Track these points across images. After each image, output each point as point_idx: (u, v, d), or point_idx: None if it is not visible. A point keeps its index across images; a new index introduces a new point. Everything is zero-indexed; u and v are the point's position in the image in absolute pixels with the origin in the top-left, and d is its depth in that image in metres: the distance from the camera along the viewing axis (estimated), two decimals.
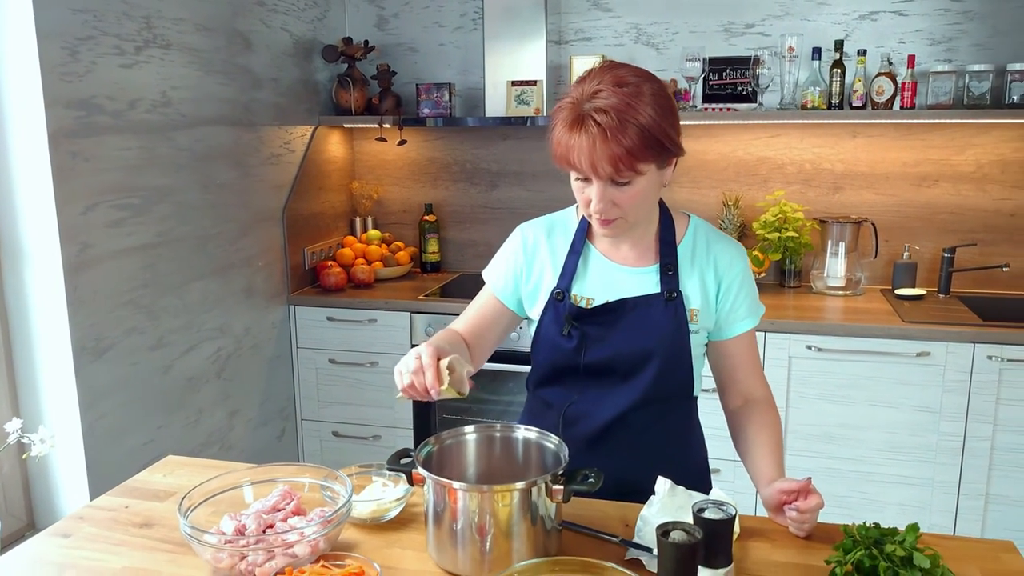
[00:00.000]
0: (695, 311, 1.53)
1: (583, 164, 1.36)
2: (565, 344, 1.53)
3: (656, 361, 1.51)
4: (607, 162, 1.34)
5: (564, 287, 1.54)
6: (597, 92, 1.35)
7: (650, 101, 1.35)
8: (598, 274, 1.55)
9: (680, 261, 1.54)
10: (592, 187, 1.40)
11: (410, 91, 3.66)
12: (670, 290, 1.51)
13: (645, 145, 1.34)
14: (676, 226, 1.57)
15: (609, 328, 1.52)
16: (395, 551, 1.36)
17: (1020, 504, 2.84)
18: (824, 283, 3.33)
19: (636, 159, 1.34)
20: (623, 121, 1.32)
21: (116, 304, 2.47)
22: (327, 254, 3.68)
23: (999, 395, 2.79)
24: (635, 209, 1.43)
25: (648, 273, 1.54)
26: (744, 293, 1.56)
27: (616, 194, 1.39)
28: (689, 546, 1.08)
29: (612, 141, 1.32)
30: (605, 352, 1.52)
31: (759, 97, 3.27)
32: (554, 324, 1.55)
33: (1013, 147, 3.23)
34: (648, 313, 1.51)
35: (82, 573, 1.32)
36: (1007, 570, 1.29)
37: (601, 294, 1.53)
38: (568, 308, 1.53)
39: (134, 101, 2.51)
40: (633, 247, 1.55)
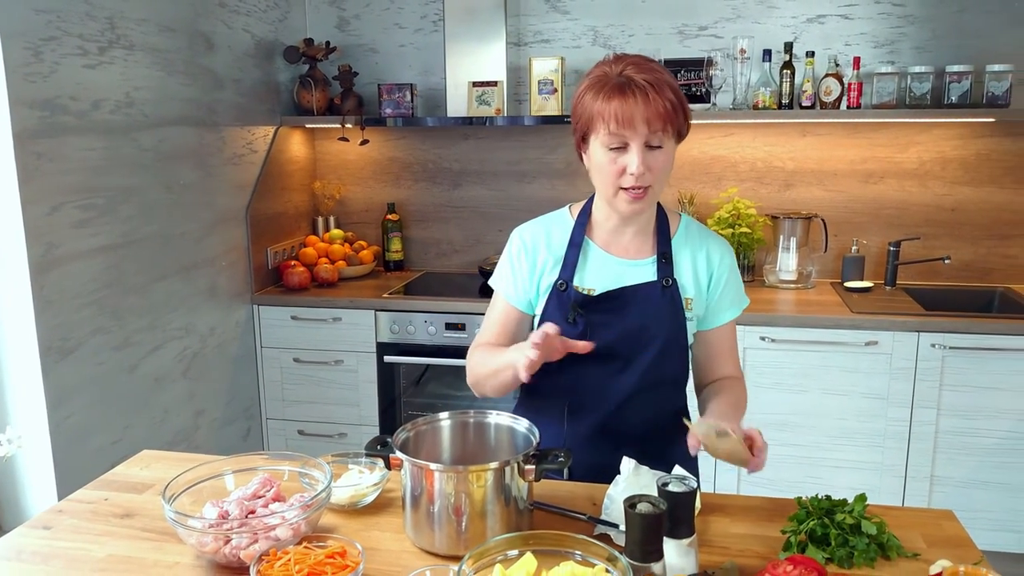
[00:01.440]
0: (690, 300, 1.62)
1: (634, 122, 1.44)
2: (570, 331, 1.57)
3: (657, 343, 1.59)
4: (657, 117, 1.44)
5: (567, 278, 1.61)
6: (626, 67, 1.48)
7: (671, 77, 1.50)
8: (597, 267, 1.63)
9: (675, 253, 1.63)
10: (629, 153, 1.47)
11: (372, 91, 3.71)
12: (666, 277, 1.60)
13: (677, 110, 1.47)
14: (670, 221, 1.67)
15: (611, 315, 1.59)
16: (374, 533, 1.42)
17: (963, 485, 2.98)
18: (776, 277, 3.45)
19: (676, 115, 1.47)
20: (660, 85, 1.46)
21: (82, 304, 2.48)
22: (290, 254, 3.70)
23: (942, 381, 2.92)
24: (662, 178, 1.52)
25: (645, 265, 1.62)
26: (731, 286, 1.66)
27: (651, 159, 1.48)
28: (654, 516, 1.16)
29: (659, 99, 1.44)
30: (610, 336, 1.59)
31: (713, 97, 3.37)
32: (558, 312, 1.61)
33: (952, 145, 3.38)
34: (648, 299, 1.59)
35: (67, 563, 1.35)
36: (946, 536, 1.39)
37: (601, 285, 1.61)
38: (573, 296, 1.60)
39: (98, 102, 2.52)
40: (633, 238, 1.63)
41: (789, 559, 1.19)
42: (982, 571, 1.18)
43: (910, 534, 1.38)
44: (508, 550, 1.19)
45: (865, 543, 1.29)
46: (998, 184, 3.38)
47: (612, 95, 1.46)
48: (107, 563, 1.35)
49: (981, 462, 2.97)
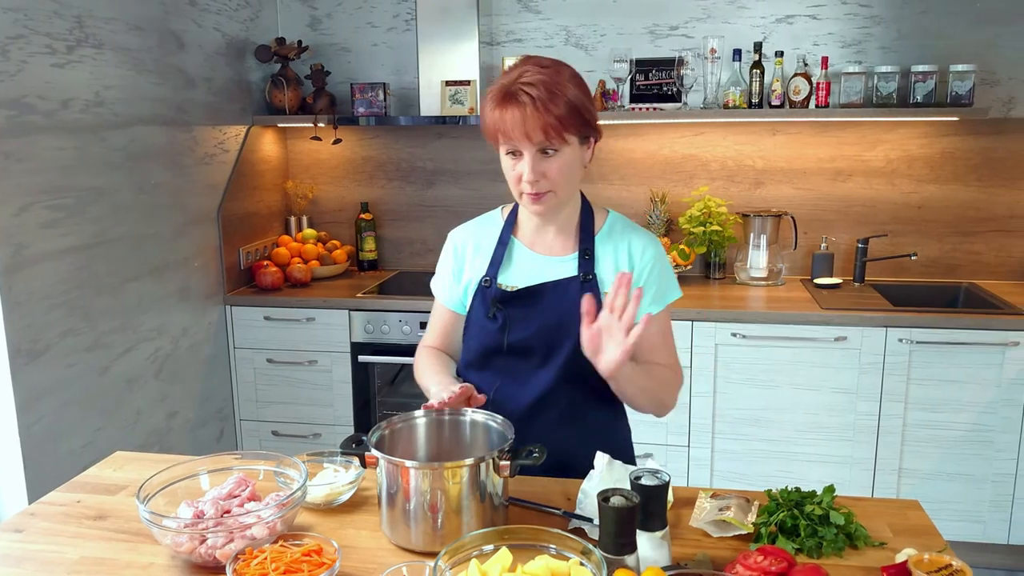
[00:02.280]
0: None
1: (517, 132, 1.48)
2: (491, 326, 1.65)
3: (572, 339, 1.59)
4: (539, 129, 1.46)
5: (492, 275, 1.67)
6: (524, 73, 1.49)
7: (571, 80, 1.51)
8: (522, 264, 1.68)
9: (597, 248, 1.66)
10: (523, 160, 1.51)
11: (344, 91, 3.70)
12: (585, 273, 1.63)
13: (571, 115, 1.48)
14: (596, 218, 1.69)
15: (530, 309, 1.63)
16: (349, 531, 1.42)
17: (929, 477, 3.04)
18: (747, 274, 3.49)
19: (564, 127, 1.48)
20: (551, 93, 1.46)
21: (52, 305, 2.46)
22: (262, 254, 3.68)
23: (910, 375, 2.98)
24: (562, 182, 1.54)
25: (568, 261, 1.65)
26: (653, 280, 1.66)
27: (545, 165, 1.51)
28: (628, 509, 1.17)
29: (543, 110, 1.45)
30: (526, 331, 1.63)
31: (684, 97, 3.40)
32: (481, 308, 1.67)
33: (918, 143, 3.44)
34: (565, 294, 1.62)
35: (39, 565, 1.34)
36: (912, 524, 1.42)
37: (524, 281, 1.65)
38: (494, 293, 1.65)
39: (67, 101, 2.49)
40: (556, 235, 1.67)
41: (759, 550, 1.22)
42: (945, 558, 1.21)
43: (877, 524, 1.41)
44: (483, 545, 1.20)
45: (833, 533, 1.32)
46: (963, 182, 3.44)
47: (503, 104, 1.48)
48: (81, 565, 1.34)
49: (947, 454, 3.02)
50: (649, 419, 3.20)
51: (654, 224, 3.54)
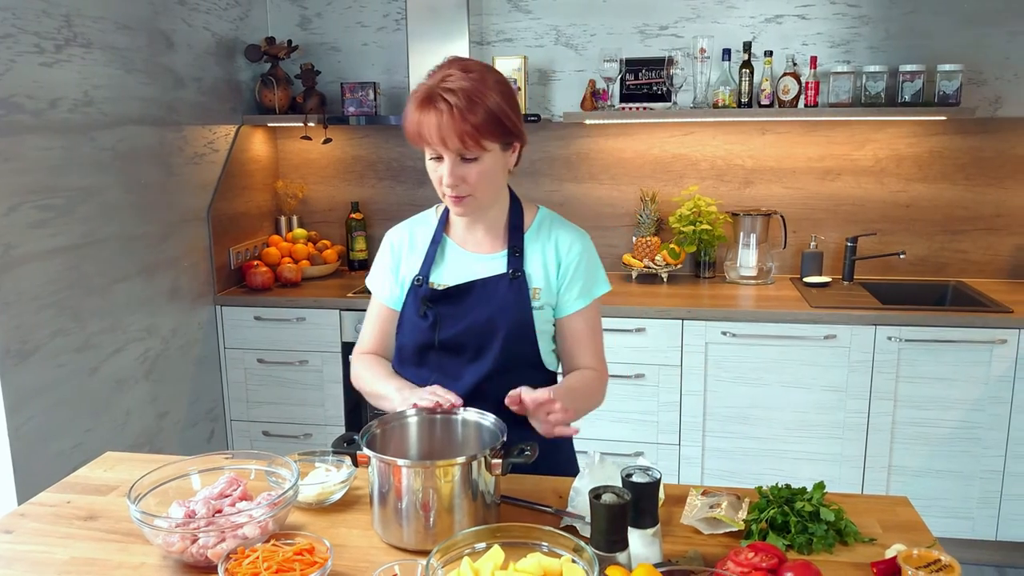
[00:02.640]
0: (537, 289, 1.67)
1: (433, 138, 1.49)
2: (422, 323, 1.67)
3: (502, 334, 1.63)
4: (456, 137, 1.47)
5: (424, 274, 1.69)
6: (447, 77, 1.50)
7: (494, 87, 1.52)
8: (453, 263, 1.70)
9: (526, 244, 1.69)
10: (444, 164, 1.53)
11: (334, 90, 3.69)
12: (514, 270, 1.66)
13: (490, 124, 1.49)
14: (525, 215, 1.72)
15: (459, 307, 1.66)
16: (341, 530, 1.42)
17: (919, 474, 3.06)
18: (737, 273, 3.50)
19: (481, 135, 1.49)
20: (471, 101, 1.47)
21: (41, 306, 2.44)
22: (253, 254, 3.67)
23: (899, 373, 2.99)
24: (484, 187, 1.56)
25: (498, 258, 1.68)
26: (579, 275, 1.68)
27: (465, 170, 1.53)
28: (619, 506, 1.18)
29: (460, 118, 1.46)
30: (457, 328, 1.65)
31: (673, 96, 3.41)
32: (413, 307, 1.69)
33: (907, 143, 3.46)
34: (495, 291, 1.65)
35: (29, 566, 1.34)
36: (901, 520, 1.43)
37: (454, 280, 1.68)
38: (425, 291, 1.67)
39: (55, 100, 2.48)
40: (486, 234, 1.69)
41: (750, 546, 1.22)
42: (934, 553, 1.22)
43: (867, 520, 1.42)
44: (476, 543, 1.20)
45: (824, 529, 1.33)
46: (950, 181, 3.47)
47: (423, 107, 1.49)
48: (71, 565, 1.34)
49: (935, 451, 3.04)
50: (639, 417, 3.22)
51: (644, 224, 3.55)
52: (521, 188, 3.72)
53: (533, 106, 3.65)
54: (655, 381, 3.14)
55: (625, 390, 3.16)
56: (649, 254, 3.50)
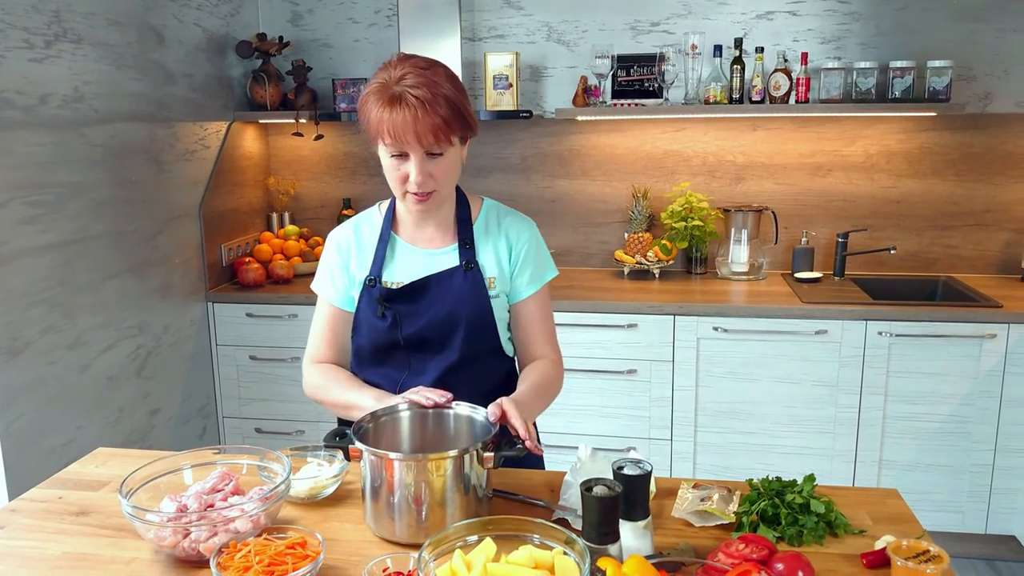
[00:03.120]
0: (492, 279, 1.68)
1: (407, 136, 1.48)
2: (381, 324, 1.66)
3: (463, 325, 1.65)
4: (429, 132, 1.48)
5: (376, 274, 1.67)
6: (405, 75, 1.49)
7: (447, 80, 1.53)
8: (404, 260, 1.69)
9: (476, 236, 1.70)
10: (410, 162, 1.52)
11: (326, 86, 3.69)
12: (467, 261, 1.67)
13: (454, 115, 1.50)
14: (472, 207, 1.73)
15: (418, 303, 1.66)
16: (333, 524, 1.42)
17: (909, 468, 3.07)
18: (729, 269, 3.51)
19: (450, 129, 1.50)
20: (435, 95, 1.48)
21: (32, 302, 2.44)
22: (244, 250, 3.67)
23: (889, 368, 3.01)
24: (447, 182, 1.59)
25: (448, 252, 1.69)
26: (530, 261, 1.71)
27: (432, 166, 1.54)
28: (610, 499, 1.18)
29: (431, 113, 1.47)
30: (418, 324, 1.65)
31: (665, 92, 3.42)
32: (369, 308, 1.68)
33: (897, 139, 3.48)
34: (451, 284, 1.66)
35: (21, 562, 1.34)
36: (891, 512, 1.44)
37: (408, 277, 1.67)
38: (380, 291, 1.66)
39: (45, 96, 2.47)
40: (436, 229, 1.69)
41: (741, 538, 1.23)
42: (923, 544, 1.23)
43: (857, 512, 1.43)
44: (468, 536, 1.21)
45: (814, 521, 1.33)
46: (940, 176, 3.48)
47: (388, 106, 1.48)
48: (63, 560, 1.34)
49: (925, 446, 3.06)
50: (631, 413, 3.22)
51: (636, 220, 3.55)
52: (513, 185, 3.75)
53: (525, 102, 3.65)
54: (647, 377, 3.15)
55: (617, 385, 3.16)
56: (641, 250, 3.51)
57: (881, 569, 1.25)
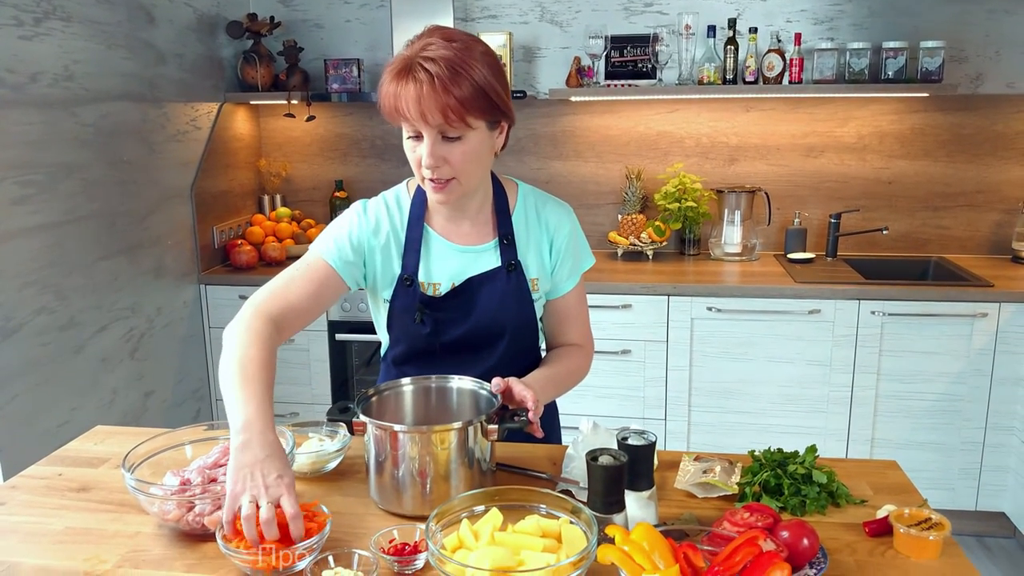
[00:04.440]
0: (535, 280, 1.58)
1: (412, 113, 1.34)
2: (420, 330, 1.55)
3: (508, 332, 1.57)
4: (437, 111, 1.33)
5: (411, 272, 1.54)
6: (427, 46, 1.36)
7: (481, 59, 1.37)
8: (440, 258, 1.55)
9: (516, 230, 1.57)
10: (423, 144, 1.39)
11: (317, 67, 3.66)
12: (509, 260, 1.55)
13: (476, 98, 1.35)
14: (508, 195, 1.60)
15: (460, 310, 1.55)
16: (337, 498, 1.42)
17: (901, 446, 3.10)
18: (722, 250, 3.52)
19: (466, 111, 1.34)
20: (455, 72, 1.33)
21: (23, 283, 2.42)
22: (236, 232, 3.64)
23: (882, 347, 3.03)
24: (468, 171, 1.42)
25: (488, 250, 1.56)
26: (570, 254, 1.61)
27: (447, 151, 1.39)
28: (616, 468, 1.19)
29: (442, 90, 1.32)
30: (459, 331, 1.56)
31: (659, 73, 3.41)
32: (406, 312, 1.55)
33: (889, 120, 3.49)
34: (493, 288, 1.54)
35: (23, 537, 1.33)
36: (891, 483, 1.45)
37: (446, 279, 1.55)
38: (418, 296, 1.54)
39: (35, 74, 2.44)
40: (472, 224, 1.56)
41: (745, 507, 1.24)
42: (924, 512, 1.24)
43: (857, 483, 1.44)
44: (474, 506, 1.21)
45: (816, 492, 1.34)
46: (932, 157, 3.49)
47: (399, 79, 1.34)
48: (66, 535, 1.33)
49: (917, 424, 3.09)
50: (626, 393, 3.23)
51: (630, 202, 3.55)
52: (505, 167, 3.74)
53: (518, 83, 3.63)
54: (641, 357, 3.16)
55: (611, 366, 3.17)
56: (635, 232, 3.51)
57: (883, 537, 1.26)
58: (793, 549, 1.14)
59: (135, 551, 1.28)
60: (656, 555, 1.03)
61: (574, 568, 1.04)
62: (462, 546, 1.14)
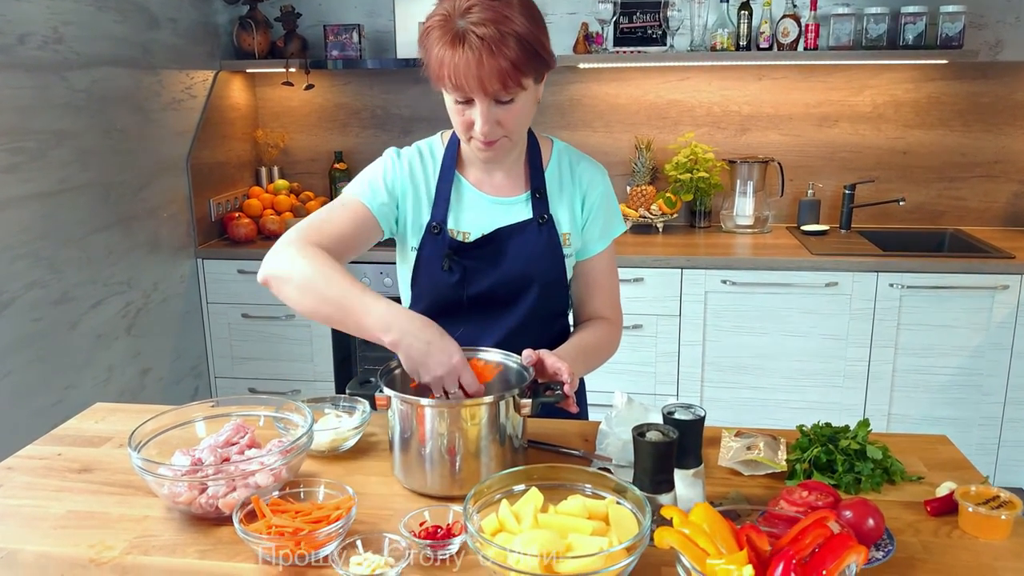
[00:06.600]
0: (567, 235, 1.54)
1: (470, 83, 1.29)
2: (447, 279, 1.50)
3: (536, 286, 1.51)
4: (496, 78, 1.29)
5: (440, 219, 1.50)
6: (470, 7, 1.29)
7: (521, 11, 1.32)
8: (472, 207, 1.52)
9: (548, 186, 1.54)
10: (475, 108, 1.34)
11: (316, 34, 3.53)
12: (541, 214, 1.51)
13: (526, 56, 1.30)
14: (542, 150, 1.56)
15: (489, 260, 1.50)
16: (358, 478, 1.33)
17: (918, 422, 3.03)
18: (733, 222, 3.43)
19: (521, 73, 1.30)
20: (502, 33, 1.28)
21: (14, 256, 2.31)
22: (233, 205, 3.53)
23: (900, 320, 2.95)
24: (518, 128, 1.40)
25: (520, 202, 1.53)
26: (601, 214, 1.56)
27: (500, 113, 1.35)
28: (666, 444, 1.10)
29: (498, 55, 1.27)
30: (486, 283, 1.51)
31: (669, 39, 3.30)
32: (434, 259, 1.51)
33: (905, 88, 3.39)
34: (524, 240, 1.50)
35: (23, 522, 1.24)
36: (944, 459, 1.38)
37: (476, 227, 1.51)
38: (447, 242, 1.50)
39: (23, 36, 2.32)
40: (506, 175, 1.53)
41: (802, 485, 1.16)
42: (992, 489, 1.16)
43: (910, 459, 1.36)
44: (513, 486, 1.12)
45: (870, 468, 1.26)
46: (948, 127, 3.41)
47: (450, 46, 1.28)
48: (67, 519, 1.24)
49: (935, 399, 3.02)
50: (637, 368, 3.15)
51: (639, 173, 3.45)
52: None
53: None
54: (653, 332, 3.08)
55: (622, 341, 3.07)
56: (644, 203, 3.41)
57: (946, 516, 1.19)
58: (857, 530, 1.06)
59: (143, 536, 1.18)
60: (717, 539, 0.95)
61: (628, 553, 0.96)
62: (503, 529, 1.05)
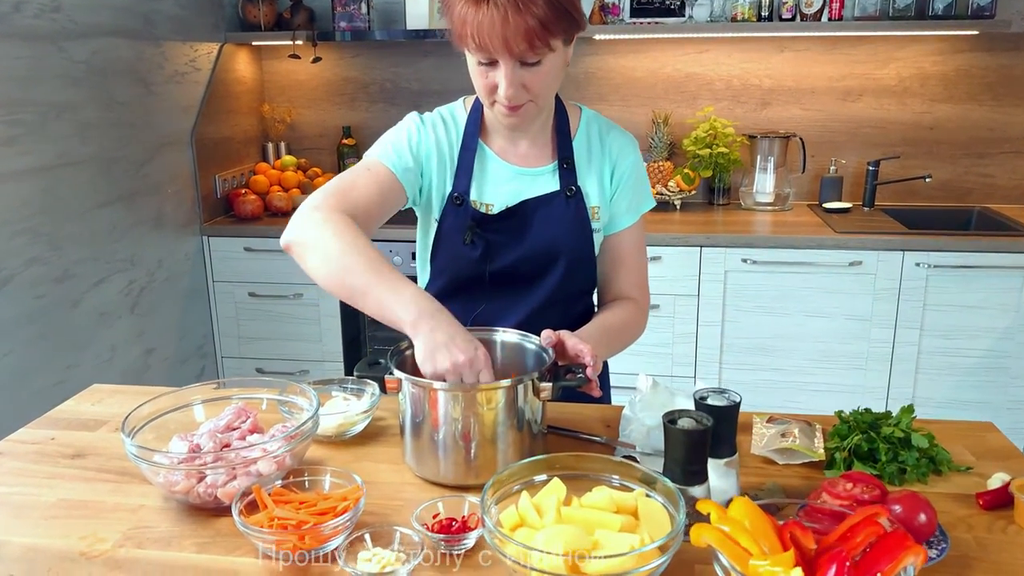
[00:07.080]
0: (596, 208, 1.46)
1: (495, 43, 1.22)
2: (469, 253, 1.43)
3: (562, 262, 1.44)
4: (522, 37, 1.21)
5: (463, 190, 1.43)
6: None
7: None
8: (496, 178, 1.45)
9: (576, 156, 1.46)
10: (499, 70, 1.27)
11: (323, 5, 3.43)
12: (569, 185, 1.43)
13: (556, 15, 1.22)
14: (570, 118, 1.48)
15: (513, 233, 1.43)
16: (367, 465, 1.26)
17: (943, 405, 2.94)
18: (753, 199, 3.33)
19: (549, 32, 1.22)
20: None
21: (14, 232, 2.24)
22: (240, 181, 3.45)
23: (926, 301, 2.86)
24: (545, 92, 1.32)
25: (546, 173, 1.45)
26: (630, 187, 1.48)
27: (525, 76, 1.28)
28: (700, 432, 1.02)
29: (525, 12, 1.19)
30: (510, 258, 1.44)
31: (688, 10, 3.19)
32: (455, 232, 1.44)
33: (932, 60, 3.27)
34: (550, 213, 1.43)
35: (13, 510, 1.17)
36: (991, 447, 1.29)
37: (500, 199, 1.44)
38: (469, 215, 1.42)
39: (19, 3, 2.23)
40: (531, 144, 1.45)
41: (845, 476, 1.07)
42: None
43: (955, 447, 1.27)
44: (533, 476, 1.04)
45: (915, 458, 1.18)
46: (977, 101, 3.29)
47: (474, 3, 1.21)
48: (59, 508, 1.17)
49: (961, 382, 2.93)
50: (653, 350, 3.07)
51: (657, 148, 3.35)
52: None
53: None
54: (670, 312, 2.99)
55: None
56: (662, 180, 3.31)
57: (1001, 510, 1.10)
58: (908, 525, 0.97)
59: (138, 528, 1.11)
60: (759, 536, 0.86)
61: (661, 552, 0.88)
62: (523, 523, 0.97)
